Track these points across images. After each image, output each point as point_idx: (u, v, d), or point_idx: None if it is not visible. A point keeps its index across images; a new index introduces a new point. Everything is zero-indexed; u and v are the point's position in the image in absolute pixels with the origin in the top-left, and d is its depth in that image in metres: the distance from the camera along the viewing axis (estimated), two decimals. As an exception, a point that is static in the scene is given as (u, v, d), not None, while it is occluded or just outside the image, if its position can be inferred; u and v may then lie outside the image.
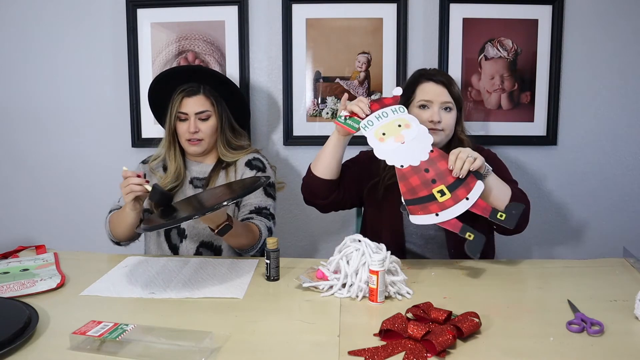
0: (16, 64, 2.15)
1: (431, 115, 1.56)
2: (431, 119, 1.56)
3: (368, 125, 1.42)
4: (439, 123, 1.56)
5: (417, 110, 1.60)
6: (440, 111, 1.57)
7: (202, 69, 1.74)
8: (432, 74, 1.62)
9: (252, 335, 1.02)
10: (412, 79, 1.66)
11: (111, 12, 2.10)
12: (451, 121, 1.60)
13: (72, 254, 1.54)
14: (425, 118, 1.57)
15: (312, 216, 2.17)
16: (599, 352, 0.94)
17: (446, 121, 1.58)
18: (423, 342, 0.96)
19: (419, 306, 1.08)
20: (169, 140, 1.69)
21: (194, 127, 1.63)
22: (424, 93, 1.60)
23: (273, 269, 1.32)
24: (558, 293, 1.23)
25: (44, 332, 1.02)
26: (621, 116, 2.09)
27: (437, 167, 1.38)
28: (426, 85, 1.60)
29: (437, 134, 1.57)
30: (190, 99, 1.65)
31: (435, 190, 1.34)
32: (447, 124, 1.59)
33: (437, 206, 1.32)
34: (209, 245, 1.66)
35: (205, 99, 1.66)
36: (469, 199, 1.33)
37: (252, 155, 1.73)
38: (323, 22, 2.05)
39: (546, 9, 2.02)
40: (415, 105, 1.60)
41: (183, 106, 1.64)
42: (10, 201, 2.24)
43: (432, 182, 1.35)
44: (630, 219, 2.14)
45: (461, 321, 1.00)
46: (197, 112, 1.64)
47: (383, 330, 1.00)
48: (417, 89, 1.61)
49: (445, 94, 1.58)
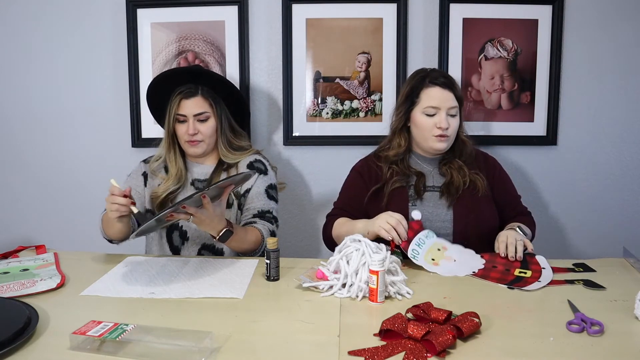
0: (16, 64, 2.15)
1: (439, 121, 1.55)
2: (439, 126, 1.55)
3: (416, 255, 1.40)
4: (447, 130, 1.56)
5: (423, 117, 1.58)
6: (447, 117, 1.56)
7: (199, 70, 1.74)
8: (436, 77, 1.60)
9: (252, 335, 1.02)
10: (415, 82, 1.63)
11: (111, 12, 2.10)
12: (456, 126, 1.60)
13: (72, 254, 1.54)
14: (433, 125, 1.56)
15: (312, 216, 2.17)
16: (599, 352, 0.94)
17: (452, 127, 1.58)
18: (423, 342, 0.96)
19: (419, 306, 1.08)
20: (169, 142, 1.69)
21: (192, 129, 1.63)
22: (430, 99, 1.58)
23: (273, 269, 1.32)
24: (558, 293, 1.23)
25: (44, 332, 1.02)
26: (621, 116, 2.09)
27: (499, 260, 1.41)
28: (432, 90, 1.58)
29: (444, 140, 1.58)
30: (188, 100, 1.64)
31: (517, 272, 1.35)
32: (454, 130, 1.59)
33: (532, 279, 1.31)
34: (210, 248, 1.66)
35: (203, 100, 1.65)
36: (545, 268, 1.36)
37: (254, 157, 1.73)
38: (323, 22, 2.05)
39: (546, 9, 2.02)
40: (421, 111, 1.59)
41: (181, 108, 1.63)
42: (10, 201, 2.24)
43: (506, 270, 1.36)
44: (630, 219, 2.14)
45: (461, 321, 1.00)
46: (195, 113, 1.63)
47: (383, 330, 1.00)
48: (422, 94, 1.59)
49: (451, 98, 1.57)
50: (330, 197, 2.15)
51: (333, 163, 2.13)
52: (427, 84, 1.59)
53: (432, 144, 1.60)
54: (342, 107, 2.09)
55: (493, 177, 1.68)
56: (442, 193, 1.60)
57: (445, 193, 1.59)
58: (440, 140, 1.58)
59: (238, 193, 1.67)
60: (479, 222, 1.57)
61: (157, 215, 1.27)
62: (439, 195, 1.60)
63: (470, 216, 1.56)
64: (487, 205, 1.61)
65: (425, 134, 1.60)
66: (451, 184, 1.60)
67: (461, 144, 1.66)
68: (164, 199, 1.65)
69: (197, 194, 1.29)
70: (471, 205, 1.58)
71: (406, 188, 1.61)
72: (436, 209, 1.58)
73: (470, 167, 1.63)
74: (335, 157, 2.13)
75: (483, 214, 1.59)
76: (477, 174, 1.62)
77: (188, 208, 1.31)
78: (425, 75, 1.61)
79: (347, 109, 2.09)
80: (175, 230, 1.66)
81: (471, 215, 1.56)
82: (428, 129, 1.58)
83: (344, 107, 2.09)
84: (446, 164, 1.64)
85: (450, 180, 1.60)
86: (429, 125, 1.58)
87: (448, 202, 1.58)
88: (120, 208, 1.39)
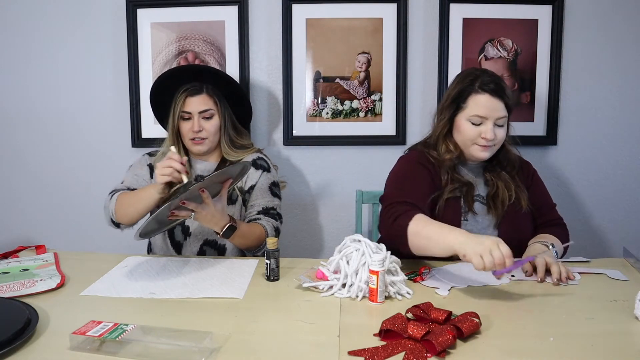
0: (16, 64, 2.15)
1: (485, 132, 1.44)
2: (484, 136, 1.45)
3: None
4: (492, 140, 1.45)
5: (468, 125, 1.47)
6: (494, 127, 1.45)
7: (204, 68, 1.75)
8: (487, 82, 1.45)
9: (252, 335, 1.02)
10: (464, 86, 1.48)
11: (111, 12, 2.10)
12: (503, 135, 1.49)
13: (72, 254, 1.54)
14: (477, 134, 1.46)
15: (312, 216, 2.17)
16: (598, 352, 0.94)
17: (499, 137, 1.47)
18: (423, 342, 0.96)
19: (419, 306, 1.08)
20: (173, 141, 1.69)
21: (197, 126, 1.63)
22: (478, 107, 1.45)
23: (273, 269, 1.32)
24: (558, 293, 1.23)
25: (44, 332, 1.02)
26: (621, 116, 2.09)
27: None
28: (481, 98, 1.44)
29: (488, 150, 1.48)
30: (193, 98, 1.65)
31: None
32: (500, 140, 1.48)
33: None
34: (212, 243, 1.66)
35: (208, 98, 1.67)
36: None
37: (257, 155, 1.74)
38: (323, 22, 2.05)
39: (546, 9, 2.02)
40: (467, 118, 1.47)
41: (186, 105, 1.64)
42: (10, 201, 2.24)
43: None
44: (630, 219, 2.14)
45: (461, 321, 1.00)
46: (200, 110, 1.64)
47: (383, 330, 1.00)
48: (469, 99, 1.46)
49: (501, 108, 1.44)
50: (330, 197, 2.15)
51: (333, 163, 2.13)
52: (476, 89, 1.45)
53: (473, 153, 1.50)
54: (342, 107, 2.09)
55: (529, 185, 1.60)
56: (489, 207, 1.52)
57: (492, 207, 1.51)
58: (484, 150, 1.47)
59: (242, 189, 1.68)
60: (520, 242, 1.50)
61: (156, 212, 1.27)
62: (487, 209, 1.52)
63: (514, 237, 1.45)
64: (528, 222, 1.55)
65: (468, 142, 1.49)
66: (496, 196, 1.51)
67: (506, 152, 1.56)
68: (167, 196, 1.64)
69: (193, 185, 1.29)
70: (516, 225, 1.51)
71: (460, 198, 1.51)
72: (483, 228, 1.51)
73: (514, 179, 1.55)
74: (335, 157, 2.13)
75: (524, 233, 1.52)
76: (521, 188, 1.54)
77: (188, 204, 1.30)
78: (474, 79, 1.47)
79: (347, 109, 2.09)
80: (178, 225, 1.65)
81: (515, 236, 1.48)
82: (472, 137, 1.47)
83: (344, 107, 2.09)
84: (490, 172, 1.55)
85: (495, 192, 1.52)
86: (473, 134, 1.46)
87: (495, 219, 1.51)
88: (174, 173, 1.40)
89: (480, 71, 1.50)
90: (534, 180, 1.63)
